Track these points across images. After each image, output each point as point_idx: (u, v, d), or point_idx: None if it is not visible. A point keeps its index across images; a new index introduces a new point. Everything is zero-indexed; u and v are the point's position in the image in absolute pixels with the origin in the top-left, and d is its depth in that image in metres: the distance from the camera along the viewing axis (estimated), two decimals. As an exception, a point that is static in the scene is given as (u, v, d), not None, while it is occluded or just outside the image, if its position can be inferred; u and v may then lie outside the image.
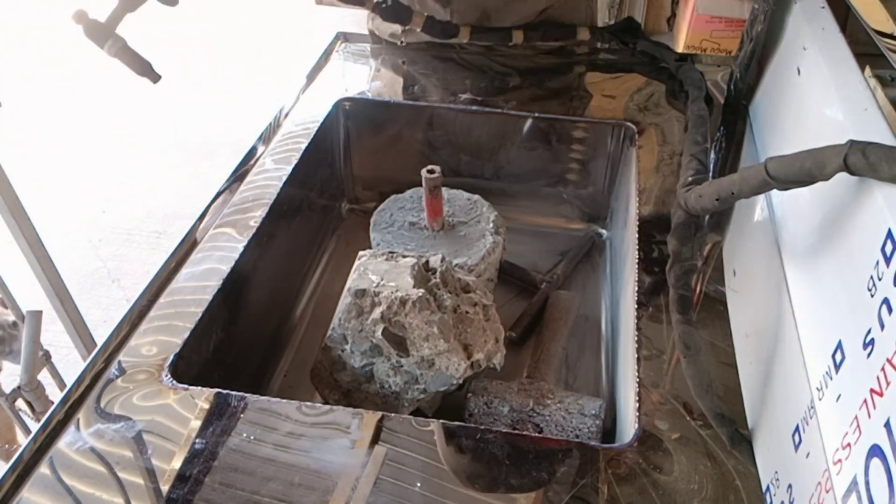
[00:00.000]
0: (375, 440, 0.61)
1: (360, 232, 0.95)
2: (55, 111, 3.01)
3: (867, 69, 0.62)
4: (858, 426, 0.44)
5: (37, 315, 1.23)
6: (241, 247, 0.81)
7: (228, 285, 0.77)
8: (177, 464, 0.59)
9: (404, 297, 0.70)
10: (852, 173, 0.45)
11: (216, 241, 0.83)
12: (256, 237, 0.83)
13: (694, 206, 0.63)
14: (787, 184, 0.51)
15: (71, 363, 1.55)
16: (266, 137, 1.01)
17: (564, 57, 1.19)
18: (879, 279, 0.45)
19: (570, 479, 0.57)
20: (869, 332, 0.45)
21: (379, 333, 0.70)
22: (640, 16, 2.36)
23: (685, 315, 0.66)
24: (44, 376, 1.27)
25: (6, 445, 1.28)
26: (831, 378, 0.49)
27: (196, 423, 0.62)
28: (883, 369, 0.42)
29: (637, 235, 0.81)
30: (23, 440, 1.26)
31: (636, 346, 0.69)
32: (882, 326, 0.43)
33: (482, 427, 0.62)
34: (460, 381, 0.71)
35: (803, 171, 0.48)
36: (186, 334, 0.70)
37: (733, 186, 0.55)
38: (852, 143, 0.45)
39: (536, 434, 0.70)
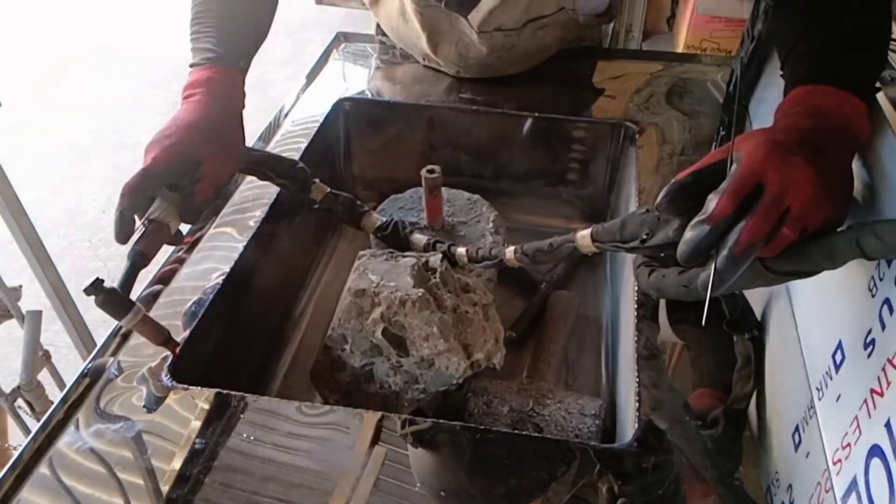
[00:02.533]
0: (375, 440, 0.61)
1: (360, 232, 0.95)
2: (56, 111, 3.01)
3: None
4: (858, 426, 0.44)
5: (37, 315, 1.23)
6: (241, 247, 0.81)
7: (228, 285, 0.77)
8: (177, 464, 0.59)
9: (404, 297, 0.70)
10: (870, 258, 0.43)
11: (216, 240, 0.83)
12: (256, 237, 0.83)
13: (653, 286, 0.54)
14: (788, 277, 0.47)
15: (71, 363, 1.55)
16: (266, 137, 1.01)
17: (571, 53, 1.19)
18: (881, 279, 0.45)
19: (570, 479, 0.57)
20: (869, 332, 0.45)
21: (379, 333, 0.70)
22: (640, 16, 2.35)
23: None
24: (44, 376, 1.27)
25: (7, 445, 1.28)
26: (831, 378, 0.49)
27: (196, 424, 0.62)
28: (883, 369, 0.42)
29: (637, 235, 0.81)
30: (16, 440, 1.26)
31: (636, 346, 0.69)
32: (883, 326, 0.43)
33: (482, 427, 0.62)
34: (460, 381, 0.71)
35: (812, 264, 0.45)
36: (186, 334, 0.70)
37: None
38: (858, 228, 0.43)
39: (536, 434, 0.70)
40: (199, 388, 0.65)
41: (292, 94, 1.12)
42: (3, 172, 1.11)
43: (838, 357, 0.48)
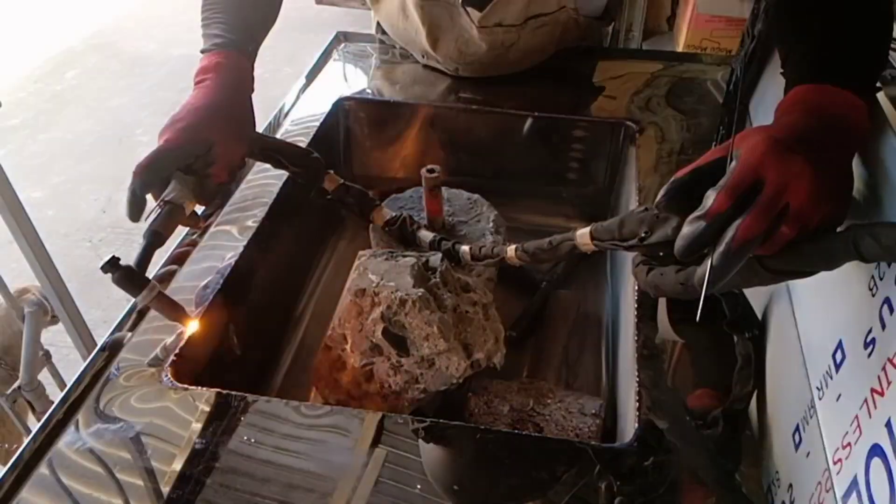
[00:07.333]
0: (376, 440, 0.61)
1: (360, 232, 0.95)
2: (56, 111, 3.01)
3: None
4: (859, 426, 0.44)
5: (37, 315, 1.23)
6: (241, 246, 0.81)
7: (228, 285, 0.77)
8: (176, 465, 0.59)
9: (404, 297, 0.70)
10: (867, 261, 0.43)
11: (216, 240, 0.83)
12: (256, 237, 0.83)
13: (651, 284, 0.53)
14: (784, 276, 0.47)
15: (71, 363, 1.55)
16: (266, 137, 1.01)
17: (571, 53, 1.18)
18: (881, 279, 0.45)
19: (570, 479, 0.57)
20: (870, 331, 0.45)
21: (379, 333, 0.70)
22: (640, 15, 2.35)
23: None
24: (44, 376, 1.27)
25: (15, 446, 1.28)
26: (831, 377, 0.49)
27: (196, 424, 0.62)
28: (884, 369, 0.42)
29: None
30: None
31: (636, 345, 0.69)
32: (883, 326, 0.43)
33: (482, 427, 0.62)
34: (460, 381, 0.71)
35: (809, 264, 0.45)
36: (185, 336, 0.70)
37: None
38: (856, 229, 0.42)
39: (536, 434, 0.70)
40: (199, 388, 0.65)
41: (292, 93, 1.12)
42: (3, 172, 1.10)
43: (838, 356, 0.48)
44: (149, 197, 0.67)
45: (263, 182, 0.92)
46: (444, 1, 1.04)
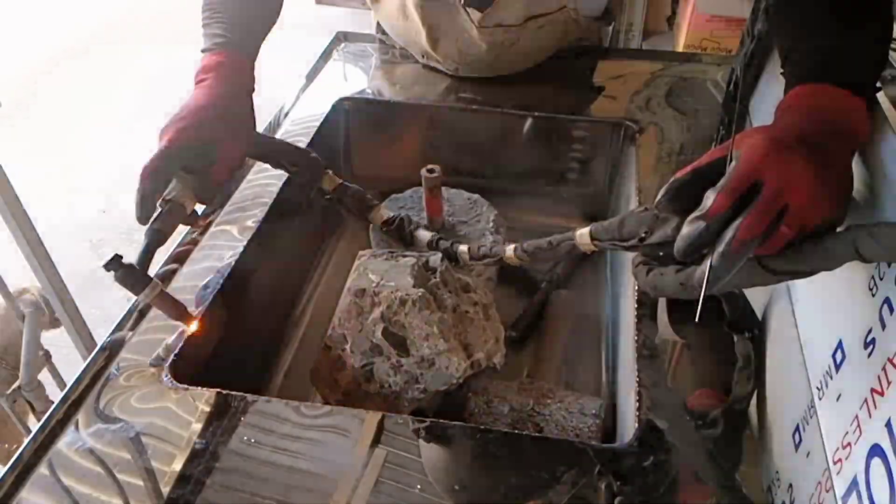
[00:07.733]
0: (376, 440, 0.61)
1: (360, 232, 0.95)
2: (55, 111, 3.01)
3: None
4: (859, 426, 0.44)
5: (36, 315, 1.23)
6: (241, 246, 0.81)
7: (228, 285, 0.77)
8: (176, 465, 0.59)
9: (404, 297, 0.70)
10: (866, 261, 0.43)
11: (216, 240, 0.83)
12: (256, 237, 0.83)
13: (651, 284, 0.53)
14: (784, 276, 0.47)
15: (71, 363, 1.55)
16: (266, 137, 1.01)
17: (571, 53, 1.18)
18: (881, 278, 0.45)
19: (570, 479, 0.57)
20: (870, 331, 0.45)
21: (379, 333, 0.70)
22: (640, 15, 2.35)
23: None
24: (44, 376, 1.26)
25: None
26: (831, 377, 0.49)
27: (196, 424, 0.62)
28: (884, 369, 0.42)
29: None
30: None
31: (636, 345, 0.69)
32: (883, 326, 0.43)
33: (482, 427, 0.62)
34: (460, 381, 0.71)
35: (808, 264, 0.45)
36: (186, 334, 0.70)
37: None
38: (856, 230, 0.42)
39: (536, 434, 0.70)
40: (199, 388, 0.65)
41: (292, 93, 1.12)
42: (3, 172, 1.10)
43: (838, 356, 0.48)
44: None
45: (263, 182, 0.92)
46: (444, 1, 1.04)
